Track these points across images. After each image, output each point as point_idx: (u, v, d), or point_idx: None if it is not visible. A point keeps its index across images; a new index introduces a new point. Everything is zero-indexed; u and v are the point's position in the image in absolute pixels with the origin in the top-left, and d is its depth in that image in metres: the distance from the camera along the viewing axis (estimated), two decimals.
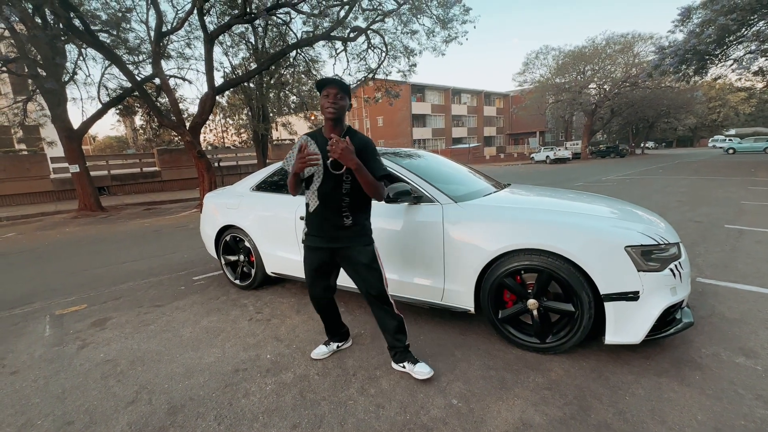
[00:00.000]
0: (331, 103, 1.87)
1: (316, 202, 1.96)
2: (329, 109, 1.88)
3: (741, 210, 6.51)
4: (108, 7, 10.09)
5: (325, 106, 1.88)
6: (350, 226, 1.99)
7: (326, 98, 1.87)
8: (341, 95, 1.89)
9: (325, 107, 1.89)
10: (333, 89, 1.87)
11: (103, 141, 51.70)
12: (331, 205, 1.95)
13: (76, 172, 10.88)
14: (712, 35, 12.91)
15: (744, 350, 2.23)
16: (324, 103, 1.88)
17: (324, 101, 1.88)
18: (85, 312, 3.36)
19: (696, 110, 36.80)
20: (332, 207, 1.95)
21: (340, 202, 1.95)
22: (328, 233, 1.99)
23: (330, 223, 1.98)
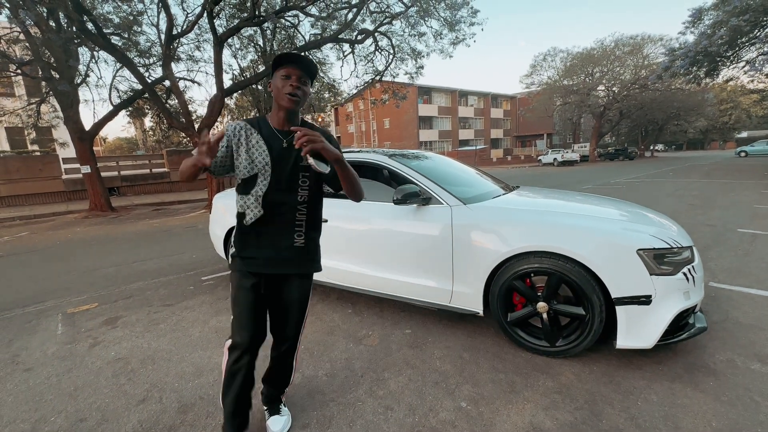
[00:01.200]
0: (294, 87, 1.40)
1: (258, 213, 1.48)
2: (290, 95, 1.41)
3: (754, 214, 6.40)
4: (120, 10, 10.25)
5: (285, 90, 1.40)
6: (302, 246, 1.55)
7: (286, 80, 1.40)
8: (305, 79, 1.44)
9: (283, 92, 1.41)
10: (296, 71, 1.41)
11: (113, 142, 52.47)
12: (279, 218, 1.49)
13: (88, 173, 11.04)
14: (724, 36, 12.75)
15: (759, 356, 2.19)
16: (283, 86, 1.41)
17: (283, 83, 1.41)
18: (96, 311, 3.40)
19: (707, 112, 36.34)
20: (281, 221, 1.50)
21: (294, 214, 1.51)
22: (270, 254, 1.51)
23: (275, 241, 1.51)
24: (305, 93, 1.46)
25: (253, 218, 1.48)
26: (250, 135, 1.47)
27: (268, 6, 11.03)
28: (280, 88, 1.42)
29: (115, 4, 10.06)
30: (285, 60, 1.41)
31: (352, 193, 1.52)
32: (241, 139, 1.46)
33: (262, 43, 13.15)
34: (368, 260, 2.88)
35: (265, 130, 1.49)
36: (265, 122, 1.51)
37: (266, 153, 1.46)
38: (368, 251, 2.88)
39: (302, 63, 1.42)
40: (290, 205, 1.50)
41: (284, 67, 1.42)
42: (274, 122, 1.50)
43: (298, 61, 1.41)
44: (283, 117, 1.48)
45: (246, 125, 1.48)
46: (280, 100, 1.43)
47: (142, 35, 11.51)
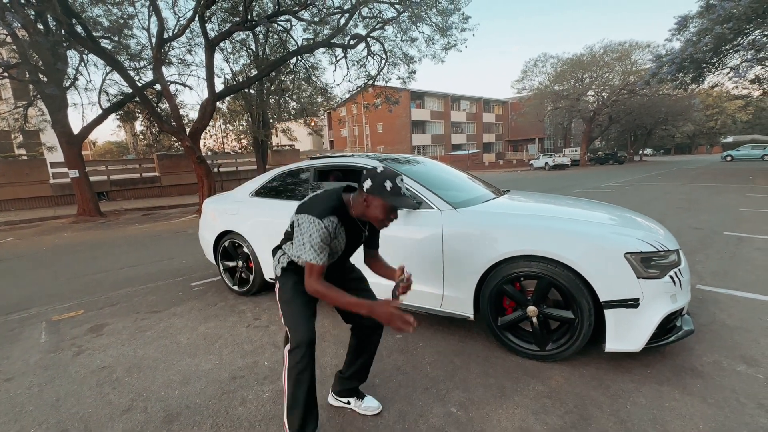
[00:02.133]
0: (391, 222, 1.65)
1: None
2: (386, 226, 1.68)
3: (740, 217, 6.52)
4: (110, 13, 10.18)
5: (385, 224, 1.65)
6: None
7: (391, 213, 1.61)
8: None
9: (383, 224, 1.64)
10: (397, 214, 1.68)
11: (102, 146, 51.80)
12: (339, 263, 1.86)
13: (76, 177, 10.88)
14: (709, 44, 13.05)
15: (745, 358, 2.21)
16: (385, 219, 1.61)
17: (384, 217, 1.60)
18: (81, 318, 3.33)
19: (693, 118, 37.06)
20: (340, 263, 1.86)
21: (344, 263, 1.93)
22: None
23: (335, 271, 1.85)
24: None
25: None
26: (338, 231, 1.64)
27: (260, 10, 11.05)
28: (382, 218, 1.60)
29: (105, 8, 9.99)
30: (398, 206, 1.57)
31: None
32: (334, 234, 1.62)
33: (254, 47, 13.15)
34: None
35: (350, 224, 1.68)
36: (349, 215, 1.66)
37: (344, 242, 1.70)
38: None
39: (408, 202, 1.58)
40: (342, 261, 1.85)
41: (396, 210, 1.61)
42: (358, 216, 1.67)
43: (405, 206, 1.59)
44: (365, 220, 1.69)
45: (337, 221, 1.62)
46: (376, 223, 1.65)
47: (132, 39, 11.44)
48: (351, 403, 1.91)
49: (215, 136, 21.58)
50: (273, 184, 3.61)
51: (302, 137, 25.38)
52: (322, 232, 1.54)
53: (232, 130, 19.95)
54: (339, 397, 1.94)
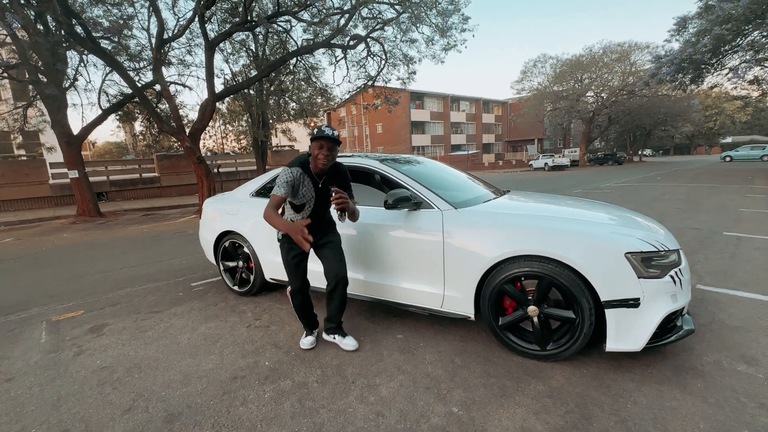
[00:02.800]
0: (325, 156, 2.21)
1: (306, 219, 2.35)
2: (322, 161, 2.23)
3: (739, 217, 6.54)
4: (110, 14, 10.18)
5: (319, 158, 2.21)
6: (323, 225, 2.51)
7: (320, 149, 2.20)
8: (334, 147, 2.25)
9: (318, 159, 2.22)
10: (327, 143, 2.20)
11: (102, 147, 51.78)
12: (315, 223, 2.40)
13: (75, 178, 10.87)
14: (708, 45, 13.08)
15: (745, 358, 2.22)
16: (318, 154, 2.21)
17: (318, 152, 2.21)
18: (82, 318, 3.33)
19: (693, 118, 37.12)
20: (315, 223, 2.40)
21: (322, 218, 2.49)
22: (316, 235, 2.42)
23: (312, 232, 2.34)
24: (334, 157, 2.30)
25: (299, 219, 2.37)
26: (304, 178, 2.28)
27: (260, 11, 11.05)
28: (316, 155, 2.23)
29: (105, 8, 9.99)
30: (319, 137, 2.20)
31: (354, 220, 2.46)
32: (301, 180, 2.28)
33: (254, 47, 13.16)
34: (359, 265, 2.87)
35: (311, 175, 2.31)
36: (308, 168, 2.30)
37: (312, 191, 2.33)
38: (359, 256, 2.87)
39: (331, 139, 2.20)
40: (320, 217, 2.45)
41: (318, 141, 2.21)
42: (315, 170, 2.30)
43: (329, 138, 2.19)
44: (318, 168, 2.29)
45: (301, 171, 2.27)
46: (315, 163, 2.25)
47: (132, 39, 11.44)
48: (336, 338, 2.56)
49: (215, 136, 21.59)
50: (273, 185, 3.60)
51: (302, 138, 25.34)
52: (287, 174, 2.22)
53: (231, 130, 19.95)
54: (326, 334, 2.63)
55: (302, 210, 2.36)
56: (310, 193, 2.31)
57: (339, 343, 2.54)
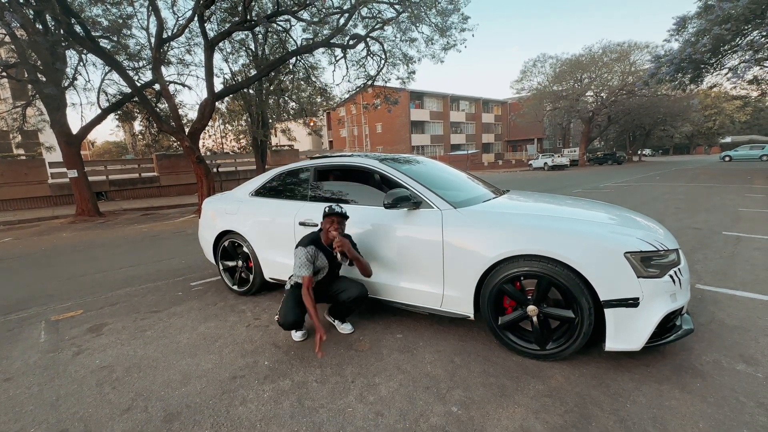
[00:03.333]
0: (336, 230, 2.59)
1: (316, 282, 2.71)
2: (334, 235, 2.60)
3: (738, 217, 6.54)
4: (109, 13, 10.16)
5: (331, 234, 2.60)
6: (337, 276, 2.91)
7: (331, 224, 2.61)
8: (343, 222, 2.65)
9: (330, 235, 2.61)
10: (337, 218, 2.61)
11: (101, 146, 51.73)
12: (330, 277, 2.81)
13: (75, 177, 10.85)
14: (707, 44, 13.08)
15: (744, 357, 2.22)
16: (330, 229, 2.60)
17: (330, 228, 2.60)
18: (81, 318, 3.33)
19: (692, 118, 37.15)
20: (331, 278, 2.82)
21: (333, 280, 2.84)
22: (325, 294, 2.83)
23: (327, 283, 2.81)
24: (343, 230, 2.69)
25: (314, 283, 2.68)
26: (318, 253, 2.64)
27: (259, 10, 11.04)
28: (328, 230, 2.63)
29: (104, 7, 9.97)
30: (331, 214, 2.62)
31: (364, 273, 2.74)
32: (315, 256, 2.63)
33: (253, 47, 13.14)
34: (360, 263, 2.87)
35: (323, 248, 2.69)
36: (320, 243, 2.69)
37: (326, 260, 2.68)
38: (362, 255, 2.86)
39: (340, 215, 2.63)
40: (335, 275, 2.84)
41: (330, 217, 2.62)
42: (325, 242, 2.70)
43: (338, 214, 2.62)
44: (327, 239, 2.68)
45: (314, 248, 2.63)
46: (328, 237, 2.65)
47: (131, 38, 11.41)
48: (335, 322, 2.86)
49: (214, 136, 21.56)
50: (273, 184, 3.61)
51: (301, 137, 25.37)
52: (305, 254, 2.57)
53: (231, 130, 19.94)
54: (328, 315, 2.93)
55: (317, 274, 2.68)
56: (324, 263, 2.67)
57: (337, 326, 2.84)
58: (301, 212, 3.16)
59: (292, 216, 3.19)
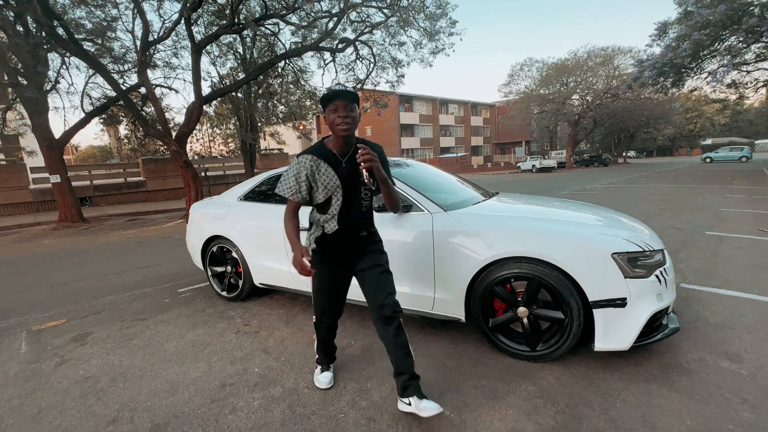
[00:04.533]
0: (343, 118, 1.66)
1: (334, 226, 1.83)
2: (341, 126, 1.67)
3: (720, 217, 6.71)
4: (93, 16, 9.98)
5: (337, 122, 1.66)
6: (365, 236, 1.93)
7: (335, 113, 1.67)
8: (351, 106, 1.68)
9: (336, 124, 1.67)
10: (340, 102, 1.66)
11: (86, 150, 50.66)
12: (351, 227, 1.85)
13: (57, 183, 10.60)
14: (688, 49, 13.44)
15: (728, 354, 2.27)
16: (334, 119, 1.67)
17: (334, 117, 1.67)
18: (64, 327, 3.23)
19: (674, 121, 38.12)
20: (352, 228, 1.86)
21: (360, 221, 1.86)
22: (347, 254, 1.92)
23: (349, 243, 1.90)
24: (354, 119, 1.70)
25: (330, 230, 1.85)
26: (319, 165, 1.77)
27: (247, 14, 10.98)
28: (333, 121, 1.69)
29: (87, 10, 9.79)
30: (331, 97, 1.67)
31: (393, 205, 1.89)
32: (313, 170, 1.77)
33: (241, 50, 13.05)
34: None
35: (329, 156, 1.77)
36: (326, 149, 1.78)
37: (335, 177, 1.77)
38: None
39: (344, 95, 1.67)
40: (357, 215, 1.85)
41: (332, 103, 1.67)
42: (336, 148, 1.78)
43: (340, 94, 1.66)
44: (342, 143, 1.77)
45: (312, 157, 1.77)
46: (335, 132, 1.72)
47: (116, 41, 11.23)
48: (411, 404, 1.79)
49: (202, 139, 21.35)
50: (262, 188, 3.57)
51: (291, 141, 25.24)
52: (294, 167, 1.81)
53: (219, 133, 19.77)
54: (401, 398, 1.85)
55: (329, 208, 1.81)
56: (332, 181, 1.76)
57: (415, 409, 1.76)
58: None
59: (281, 220, 3.15)
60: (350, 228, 1.85)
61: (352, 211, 1.82)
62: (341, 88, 1.66)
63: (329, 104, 1.67)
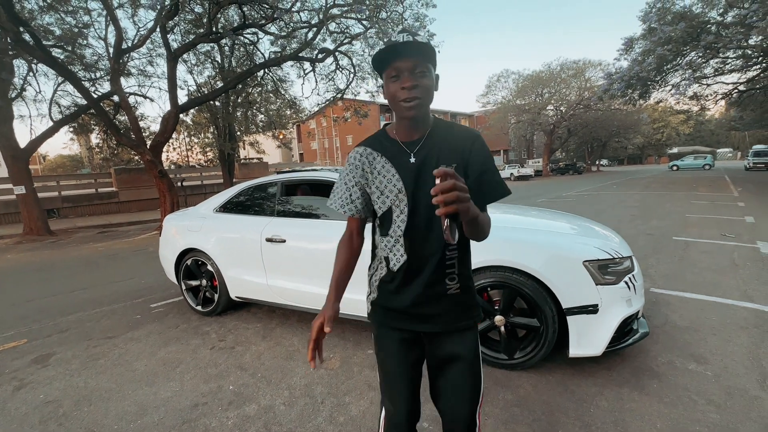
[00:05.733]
0: (410, 89, 0.97)
1: (402, 257, 1.10)
2: (408, 101, 0.98)
3: (686, 222, 7.03)
4: (63, 22, 9.68)
5: (400, 97, 0.98)
6: (456, 294, 1.12)
7: (395, 81, 0.99)
8: (422, 69, 0.97)
9: (399, 99, 0.99)
10: (407, 62, 0.96)
11: (54, 160, 48.63)
12: (426, 261, 1.08)
13: (22, 194, 10.11)
14: (652, 63, 14.17)
15: (695, 357, 2.36)
16: (395, 91, 0.99)
17: (394, 87, 0.99)
18: (24, 348, 3.05)
19: (642, 130, 39.94)
20: (429, 263, 1.08)
21: (444, 255, 1.08)
22: (423, 308, 1.11)
23: (428, 289, 1.10)
24: (427, 88, 0.99)
25: (398, 264, 1.11)
26: (373, 161, 1.11)
27: (225, 23, 10.89)
28: (394, 94, 1.00)
29: (57, 16, 9.49)
30: (386, 57, 0.98)
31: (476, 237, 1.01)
32: (366, 168, 1.12)
33: (219, 59, 12.90)
34: (326, 280, 2.82)
35: (390, 148, 1.09)
36: (387, 137, 1.11)
37: (397, 177, 1.07)
38: (325, 271, 2.82)
39: (413, 52, 0.96)
40: (438, 242, 1.06)
41: (389, 67, 0.99)
42: (401, 135, 1.09)
43: (406, 52, 0.96)
44: (408, 126, 1.06)
45: (365, 149, 1.13)
46: (398, 110, 1.02)
47: (88, 48, 10.91)
48: None
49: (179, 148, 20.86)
50: (239, 199, 3.51)
51: (271, 150, 25.00)
52: (344, 168, 1.18)
53: (197, 142, 19.36)
54: None
55: (389, 228, 1.12)
56: (392, 184, 1.08)
57: None
58: (268, 228, 3.08)
59: (258, 232, 3.10)
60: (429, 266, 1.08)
61: (427, 234, 1.07)
62: (406, 38, 0.96)
63: (387, 67, 0.99)
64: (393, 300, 1.16)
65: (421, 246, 1.08)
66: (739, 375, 2.14)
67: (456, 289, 1.12)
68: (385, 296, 1.18)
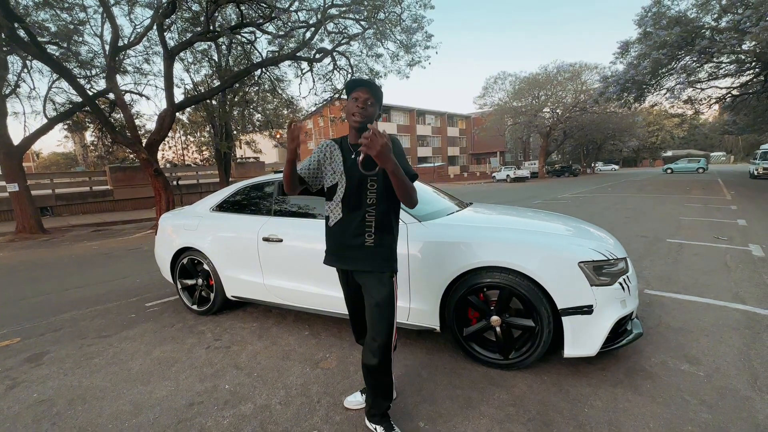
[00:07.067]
0: (360, 108, 1.61)
1: (338, 215, 1.71)
2: (356, 116, 1.61)
3: (680, 225, 7.10)
4: (58, 18, 9.60)
5: (352, 111, 1.62)
6: (371, 246, 1.68)
7: (354, 102, 1.62)
8: (371, 101, 1.63)
9: (351, 113, 1.63)
10: (363, 93, 1.61)
11: (48, 158, 48.20)
12: (354, 219, 1.68)
13: (15, 192, 10.02)
14: (647, 67, 14.31)
15: (688, 357, 2.38)
16: (351, 107, 1.63)
17: (351, 106, 1.63)
18: (17, 347, 3.03)
19: (637, 133, 40.24)
20: (355, 221, 1.68)
21: (365, 215, 1.67)
22: (347, 252, 1.73)
23: (351, 239, 1.69)
24: (371, 114, 1.64)
25: (335, 220, 1.74)
26: (333, 150, 1.75)
27: (223, 21, 10.85)
28: (350, 110, 1.65)
29: (52, 12, 9.41)
30: (354, 85, 1.65)
31: (406, 200, 1.60)
32: (327, 154, 1.76)
33: (216, 58, 12.85)
34: (325, 280, 2.82)
35: (344, 145, 1.74)
36: (345, 140, 1.76)
37: (341, 164, 1.71)
38: (325, 270, 2.82)
39: (368, 86, 1.64)
40: (362, 207, 1.68)
41: (354, 91, 1.64)
42: (351, 139, 1.73)
43: (364, 84, 1.64)
44: (354, 134, 1.69)
45: (332, 143, 1.77)
46: (350, 120, 1.67)
47: (83, 45, 10.83)
48: (377, 430, 1.78)
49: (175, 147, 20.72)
50: (236, 198, 3.50)
51: (267, 149, 24.92)
52: (317, 149, 1.80)
53: (193, 141, 19.24)
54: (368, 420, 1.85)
55: (333, 195, 1.73)
56: (339, 168, 1.70)
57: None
58: (265, 227, 3.08)
59: (255, 231, 3.10)
60: (355, 223, 1.67)
61: (356, 202, 1.67)
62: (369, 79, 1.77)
63: (352, 92, 1.64)
64: (332, 245, 1.80)
65: (350, 209, 1.69)
66: (730, 375, 2.17)
67: (371, 243, 1.69)
68: (329, 243, 1.81)
